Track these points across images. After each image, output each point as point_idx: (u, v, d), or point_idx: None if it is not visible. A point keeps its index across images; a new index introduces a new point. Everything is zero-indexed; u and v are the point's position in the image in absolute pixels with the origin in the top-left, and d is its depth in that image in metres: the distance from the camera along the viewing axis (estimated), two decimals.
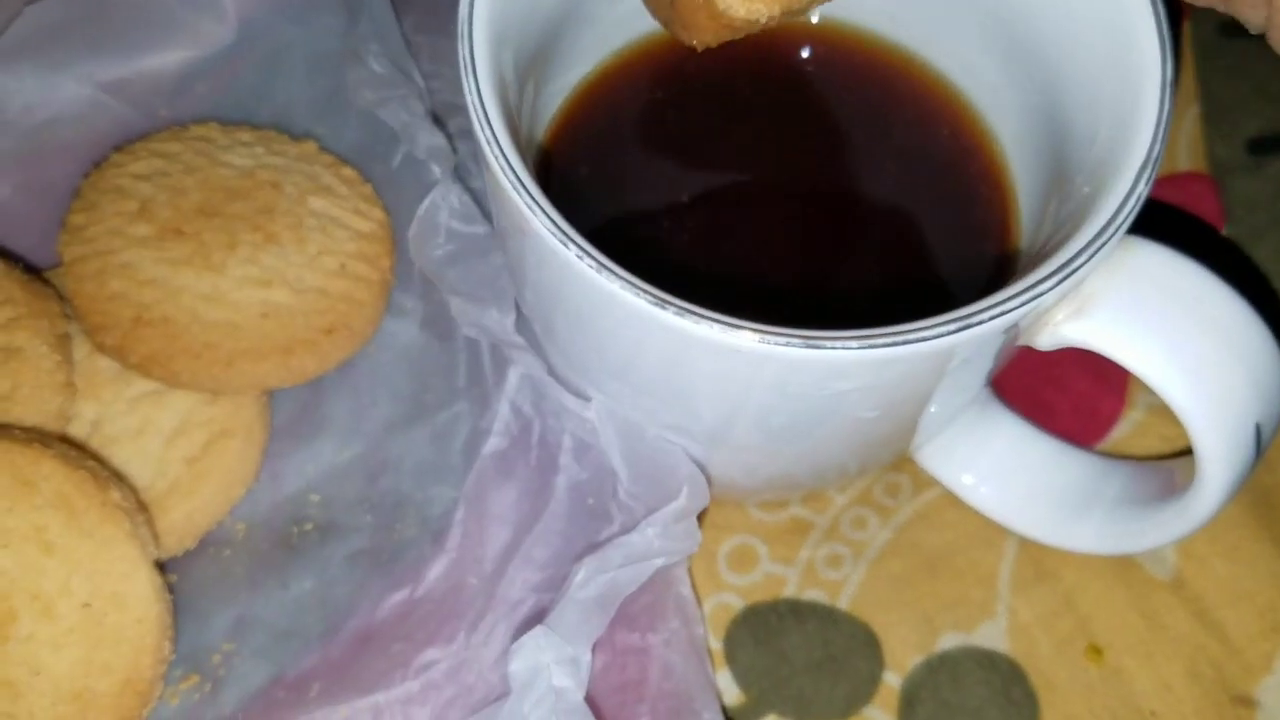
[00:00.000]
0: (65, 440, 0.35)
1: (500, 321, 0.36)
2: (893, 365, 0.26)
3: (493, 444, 0.38)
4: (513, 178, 0.27)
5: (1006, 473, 0.37)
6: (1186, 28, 0.47)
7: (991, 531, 0.38)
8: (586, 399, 0.34)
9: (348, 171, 0.40)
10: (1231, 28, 0.42)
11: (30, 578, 0.31)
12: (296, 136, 0.41)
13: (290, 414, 0.39)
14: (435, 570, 0.37)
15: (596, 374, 0.33)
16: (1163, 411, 0.40)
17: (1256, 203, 0.44)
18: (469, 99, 0.28)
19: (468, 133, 0.41)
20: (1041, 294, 0.26)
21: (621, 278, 0.26)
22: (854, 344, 0.25)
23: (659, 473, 0.33)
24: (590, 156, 0.36)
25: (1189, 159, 0.45)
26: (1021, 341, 0.29)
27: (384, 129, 0.42)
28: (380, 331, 0.40)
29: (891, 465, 0.39)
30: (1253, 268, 0.43)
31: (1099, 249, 0.26)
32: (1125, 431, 0.40)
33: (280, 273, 0.37)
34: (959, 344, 0.26)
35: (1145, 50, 0.29)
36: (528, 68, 0.32)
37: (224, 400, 0.37)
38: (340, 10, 0.42)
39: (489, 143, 0.27)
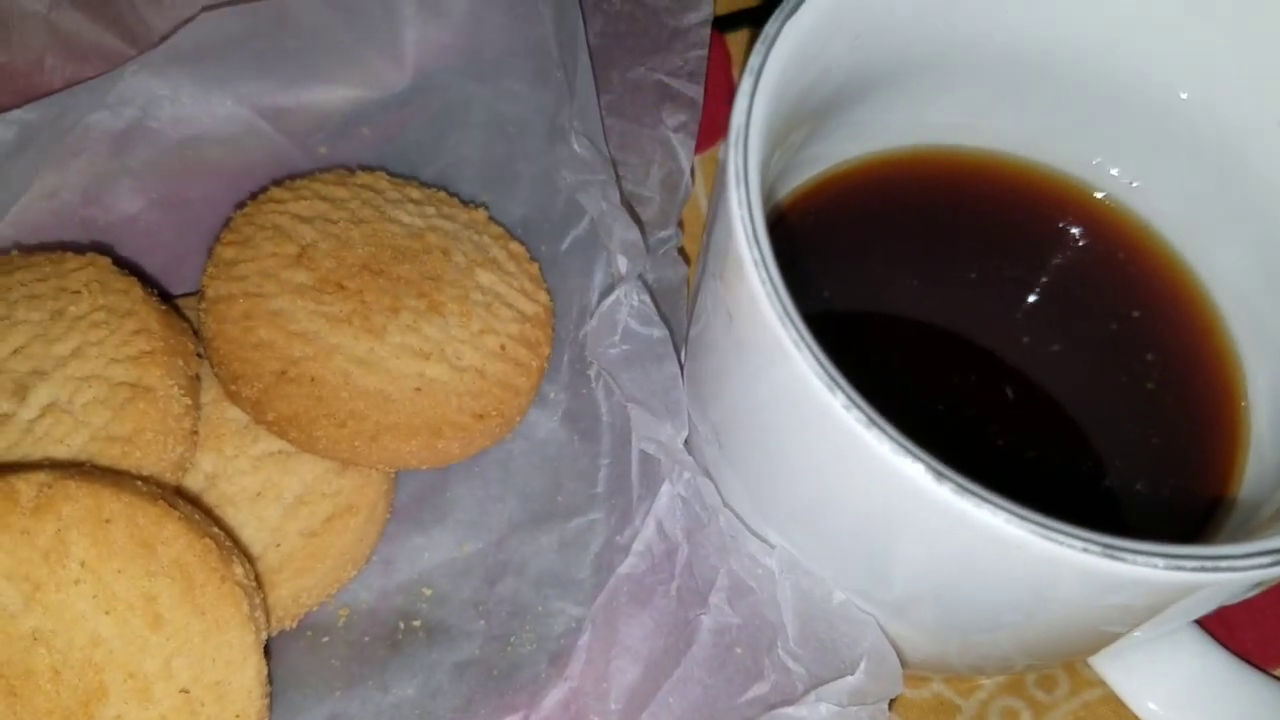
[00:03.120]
0: (184, 496, 0.31)
1: (674, 438, 0.33)
2: (1181, 589, 0.23)
3: (630, 564, 0.34)
4: (778, 307, 0.24)
5: (1185, 691, 0.34)
6: None
7: None
8: (762, 540, 0.31)
9: (516, 247, 0.37)
10: None
11: (130, 652, 0.28)
12: (465, 202, 0.38)
13: (412, 495, 0.36)
14: (552, 698, 0.33)
15: (783, 518, 0.30)
16: None
17: None
18: (737, 212, 0.25)
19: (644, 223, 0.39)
20: None
21: (894, 440, 0.23)
22: (1159, 562, 0.22)
23: (835, 638, 0.30)
24: (815, 253, 0.33)
25: None
26: None
27: (553, 206, 0.39)
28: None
29: None
30: None
31: None
32: None
33: (440, 346, 0.34)
34: (1259, 580, 0.23)
35: None
36: (783, 146, 0.30)
37: (353, 472, 0.33)
38: (531, 77, 0.39)
39: (756, 264, 0.25)
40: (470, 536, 0.36)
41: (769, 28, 0.28)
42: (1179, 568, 0.22)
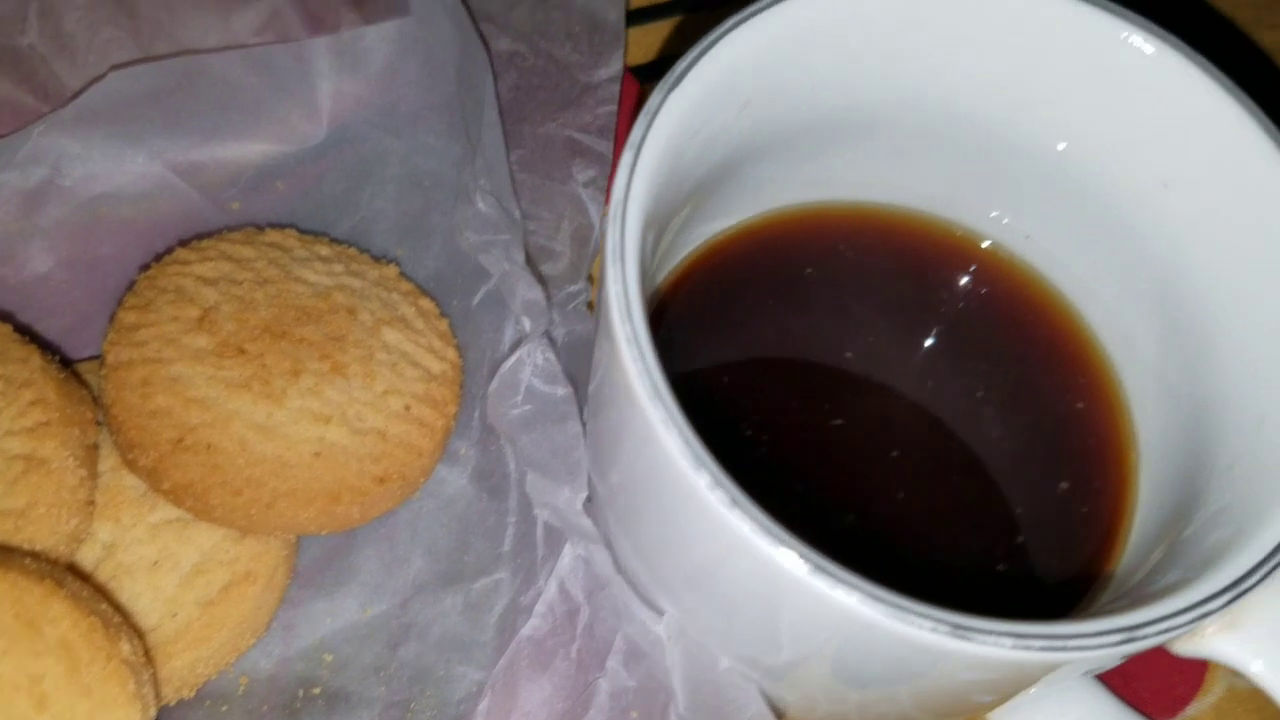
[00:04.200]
0: (75, 571, 0.31)
1: (571, 501, 0.33)
2: (1032, 668, 0.23)
3: (532, 626, 0.34)
4: (648, 385, 0.24)
5: None
6: None
7: None
8: (654, 606, 0.31)
9: (425, 303, 0.37)
10: None
11: None
12: (376, 257, 0.38)
13: (315, 559, 0.36)
14: None
15: (673, 583, 0.30)
16: (1244, 698, 0.38)
17: None
18: (612, 289, 0.25)
19: (552, 279, 0.40)
20: (1210, 611, 0.23)
21: (755, 519, 0.23)
22: (1007, 641, 0.22)
23: (722, 706, 0.30)
24: (705, 318, 0.33)
25: None
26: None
27: (467, 261, 0.39)
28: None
29: None
30: None
31: (1276, 565, 0.24)
32: (1203, 709, 0.37)
33: (341, 409, 0.34)
34: (1115, 655, 0.23)
35: None
36: (666, 225, 0.30)
37: (251, 539, 0.33)
38: (444, 131, 0.40)
39: (628, 341, 0.25)
40: (374, 599, 0.35)
41: (652, 99, 0.28)
42: (1026, 647, 0.22)
